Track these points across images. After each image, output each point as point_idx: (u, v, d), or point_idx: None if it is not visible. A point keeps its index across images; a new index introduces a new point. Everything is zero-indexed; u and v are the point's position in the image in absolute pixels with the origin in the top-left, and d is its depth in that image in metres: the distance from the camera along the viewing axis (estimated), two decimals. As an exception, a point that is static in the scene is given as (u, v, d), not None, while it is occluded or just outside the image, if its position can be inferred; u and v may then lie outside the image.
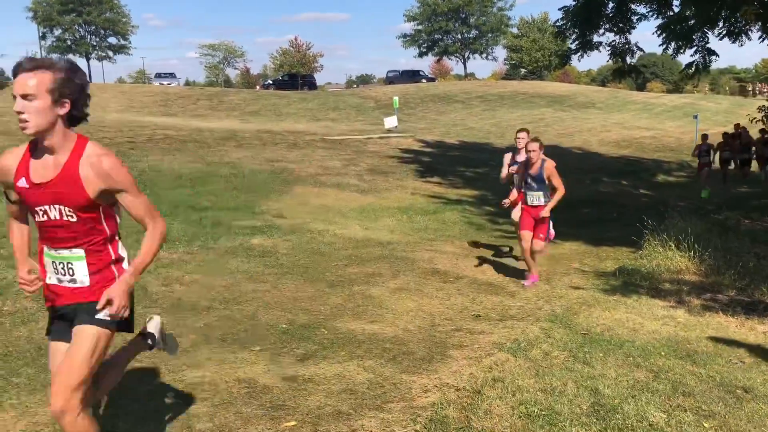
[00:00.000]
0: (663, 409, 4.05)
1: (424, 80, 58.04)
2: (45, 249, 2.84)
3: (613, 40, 15.83)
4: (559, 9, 16.43)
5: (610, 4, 15.47)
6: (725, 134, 20.18)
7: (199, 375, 4.42)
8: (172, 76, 61.21)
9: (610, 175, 21.21)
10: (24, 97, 2.58)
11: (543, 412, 3.92)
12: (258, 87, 61.76)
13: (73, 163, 2.70)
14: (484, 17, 72.79)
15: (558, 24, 17.19)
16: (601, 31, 16.05)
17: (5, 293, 5.95)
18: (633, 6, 15.21)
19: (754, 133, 20.34)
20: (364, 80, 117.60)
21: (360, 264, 8.20)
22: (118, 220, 2.92)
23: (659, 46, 14.46)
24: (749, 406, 4.18)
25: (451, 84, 55.36)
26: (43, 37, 65.24)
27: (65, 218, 2.73)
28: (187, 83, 76.21)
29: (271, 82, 59.30)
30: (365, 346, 5.14)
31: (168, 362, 4.65)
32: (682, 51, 13.19)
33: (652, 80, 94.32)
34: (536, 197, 7.81)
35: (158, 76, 61.74)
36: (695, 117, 25.53)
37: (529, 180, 7.81)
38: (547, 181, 7.74)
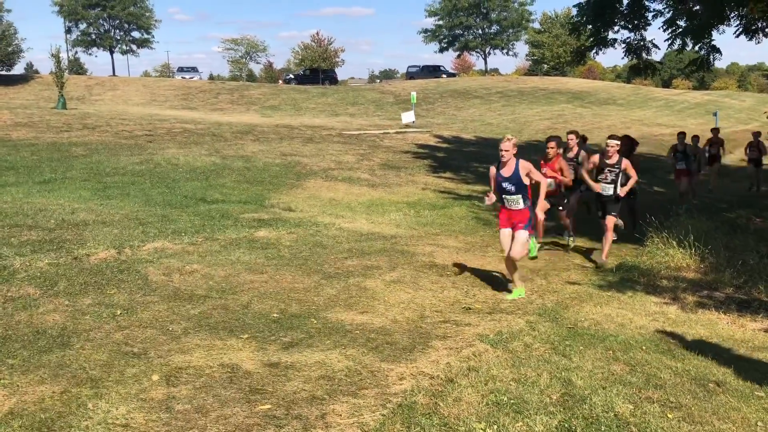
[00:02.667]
0: (631, 400, 4.14)
1: (444, 75, 57.98)
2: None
3: (628, 37, 15.78)
4: (574, 6, 16.43)
5: (625, 1, 15.41)
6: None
7: (186, 360, 4.60)
8: (194, 70, 61.78)
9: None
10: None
11: (512, 401, 4.03)
12: (280, 81, 62.13)
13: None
14: (505, 12, 72.43)
15: (572, 20, 17.16)
16: (616, 28, 16.00)
17: (11, 280, 6.18)
18: (647, 2, 15.13)
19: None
20: (387, 75, 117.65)
21: (360, 257, 8.34)
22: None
23: (664, 41, 14.36)
24: (718, 399, 4.26)
25: (471, 79, 55.25)
26: (68, 31, 66.28)
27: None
28: (211, 77, 76.92)
29: (292, 76, 59.61)
30: (351, 336, 5.28)
31: (157, 347, 4.84)
32: (687, 48, 13.11)
33: (678, 77, 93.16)
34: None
35: (180, 70, 62.43)
36: (715, 114, 25.28)
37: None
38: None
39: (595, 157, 9.47)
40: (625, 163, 9.27)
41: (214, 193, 12.70)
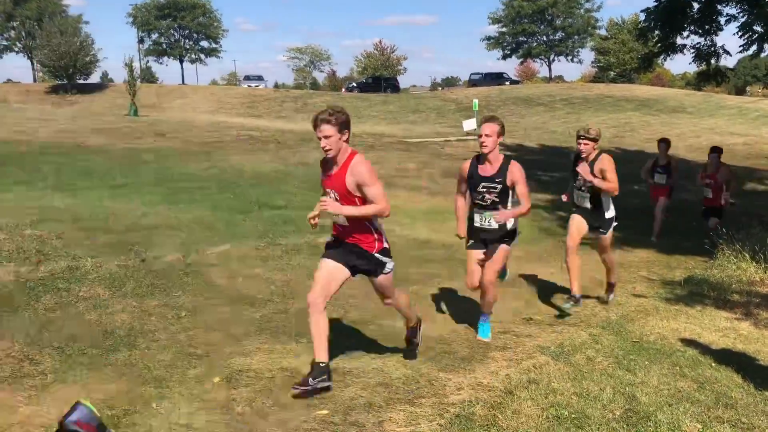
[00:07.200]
0: (700, 419, 3.98)
1: (507, 83, 57.47)
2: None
3: (698, 43, 15.26)
4: (642, 11, 16.01)
5: (696, 5, 14.93)
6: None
7: (246, 362, 4.68)
8: (259, 78, 63.11)
9: (695, 183, 20.42)
10: None
11: (573, 415, 3.94)
12: (342, 90, 62.81)
13: None
14: (570, 19, 71.25)
15: (640, 26, 16.75)
16: (686, 33, 15.51)
17: (83, 280, 6.42)
18: (720, 7, 14.60)
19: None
20: (450, 82, 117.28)
21: (419, 265, 8.31)
22: None
23: (739, 47, 13.75)
24: (794, 421, 4.05)
25: (535, 87, 54.54)
26: (141, 41, 68.81)
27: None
28: (276, 86, 78.41)
29: (354, 84, 60.19)
30: (409, 344, 5.26)
31: (219, 350, 4.94)
32: (763, 53, 12.57)
33: (753, 83, 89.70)
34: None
35: (246, 78, 63.88)
36: (791, 122, 24.13)
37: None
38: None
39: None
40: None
41: (277, 199, 12.90)
